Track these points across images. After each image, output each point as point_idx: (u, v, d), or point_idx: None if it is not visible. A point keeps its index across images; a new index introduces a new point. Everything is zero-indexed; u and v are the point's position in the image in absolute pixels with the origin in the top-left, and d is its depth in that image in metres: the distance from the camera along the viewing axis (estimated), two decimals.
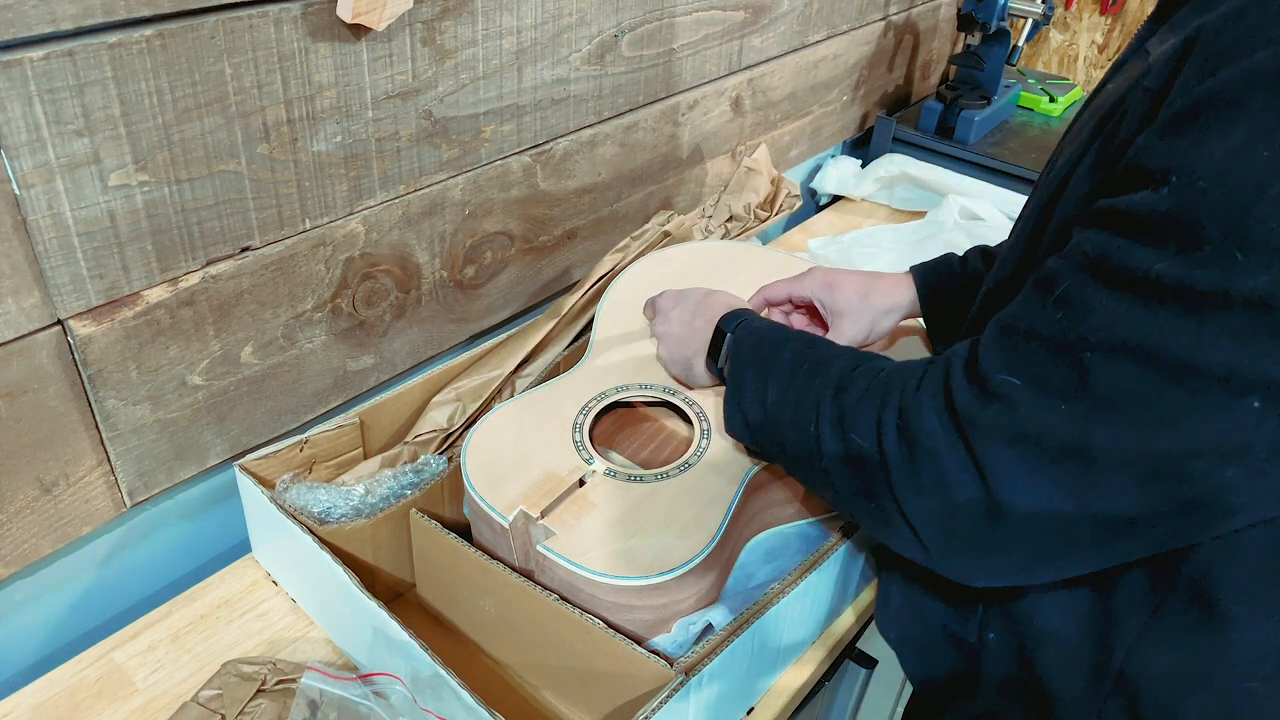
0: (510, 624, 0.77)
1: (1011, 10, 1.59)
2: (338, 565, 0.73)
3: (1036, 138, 1.68)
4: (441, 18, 0.86)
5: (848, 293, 0.87)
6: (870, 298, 0.87)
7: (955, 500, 0.56)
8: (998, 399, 0.55)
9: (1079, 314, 0.52)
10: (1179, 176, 0.49)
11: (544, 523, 0.73)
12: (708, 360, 0.81)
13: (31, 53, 0.62)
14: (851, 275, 0.89)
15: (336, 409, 0.96)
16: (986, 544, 0.57)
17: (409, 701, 0.69)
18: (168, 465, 0.83)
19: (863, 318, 0.86)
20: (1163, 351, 0.49)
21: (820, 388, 0.66)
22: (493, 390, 0.93)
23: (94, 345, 0.74)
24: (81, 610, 0.85)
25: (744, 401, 0.73)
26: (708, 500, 0.75)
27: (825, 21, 1.47)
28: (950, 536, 0.58)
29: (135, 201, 0.72)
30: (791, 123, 1.53)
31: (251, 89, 0.75)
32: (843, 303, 0.86)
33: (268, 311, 0.85)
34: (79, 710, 0.74)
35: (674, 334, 0.85)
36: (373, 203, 0.89)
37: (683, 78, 1.22)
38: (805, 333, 0.74)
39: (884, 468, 0.60)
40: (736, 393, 0.74)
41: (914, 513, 0.59)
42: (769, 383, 0.70)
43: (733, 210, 1.24)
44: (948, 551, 0.59)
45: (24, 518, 0.75)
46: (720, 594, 0.77)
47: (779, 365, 0.70)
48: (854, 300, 0.86)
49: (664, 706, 0.64)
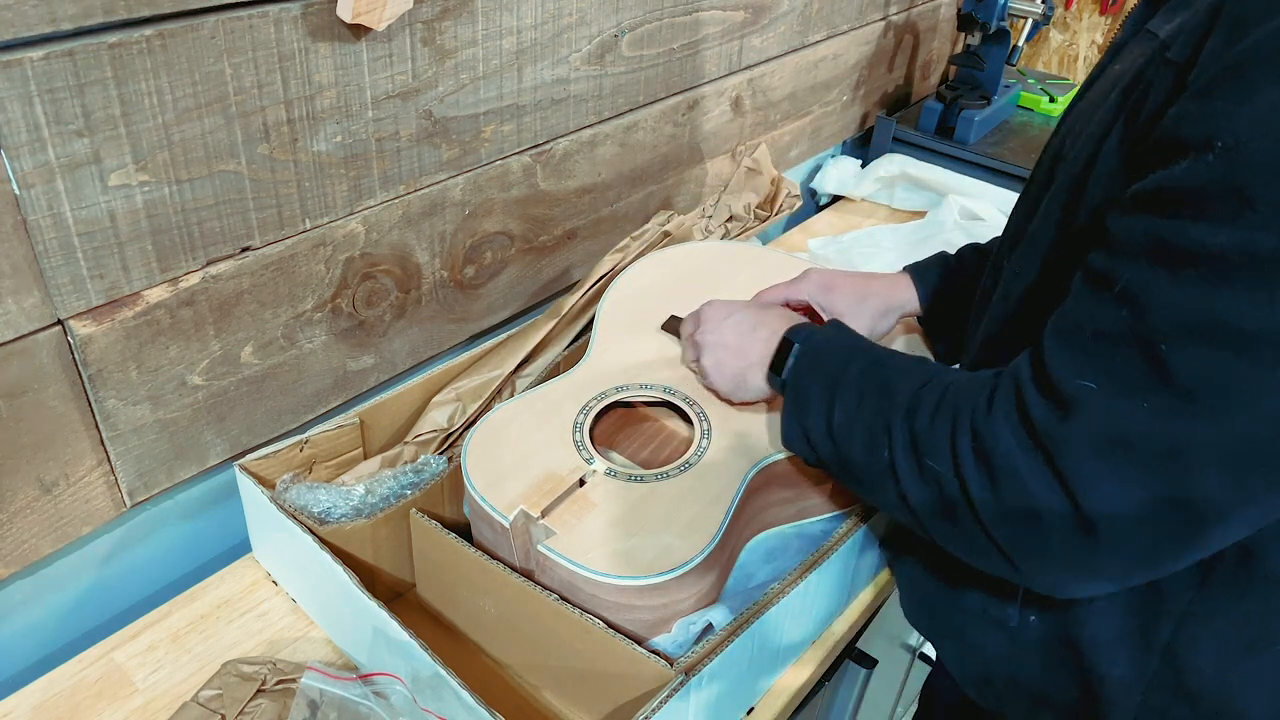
0: (510, 624, 0.77)
1: (1011, 10, 1.59)
2: (338, 565, 0.73)
3: (1036, 138, 1.68)
4: (441, 18, 0.86)
5: (845, 295, 0.87)
6: (868, 300, 0.87)
7: (1044, 520, 0.55)
8: (1075, 408, 0.53)
9: (1145, 305, 0.51)
10: (1221, 141, 0.47)
11: (544, 522, 0.73)
12: (769, 373, 0.77)
13: (31, 53, 0.62)
14: (848, 277, 0.89)
15: (336, 409, 0.96)
16: (1082, 558, 0.55)
17: (409, 701, 0.69)
18: (168, 465, 0.83)
19: (861, 319, 0.87)
20: (1239, 328, 0.47)
21: (890, 411, 0.64)
22: (493, 390, 0.93)
23: (94, 345, 0.74)
24: (81, 610, 0.85)
25: (806, 418, 0.71)
26: (708, 500, 0.75)
27: (825, 21, 1.47)
28: (1044, 556, 0.56)
29: (135, 201, 0.72)
30: (791, 123, 1.53)
31: (251, 89, 0.75)
32: (841, 305, 0.87)
33: (268, 311, 0.85)
34: (79, 710, 0.74)
35: (727, 344, 0.81)
36: (373, 203, 0.89)
37: (683, 78, 1.22)
38: (871, 346, 0.72)
39: (965, 493, 0.58)
40: (798, 408, 0.72)
41: (1002, 537, 0.57)
42: (836, 402, 0.68)
43: (733, 210, 1.24)
44: (1042, 570, 0.57)
45: (24, 518, 0.75)
46: (720, 594, 0.77)
47: (846, 383, 0.68)
48: (852, 302, 0.87)
49: (664, 706, 0.64)
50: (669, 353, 0.91)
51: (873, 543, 0.86)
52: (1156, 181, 0.51)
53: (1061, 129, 0.68)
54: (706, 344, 0.83)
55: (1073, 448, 0.53)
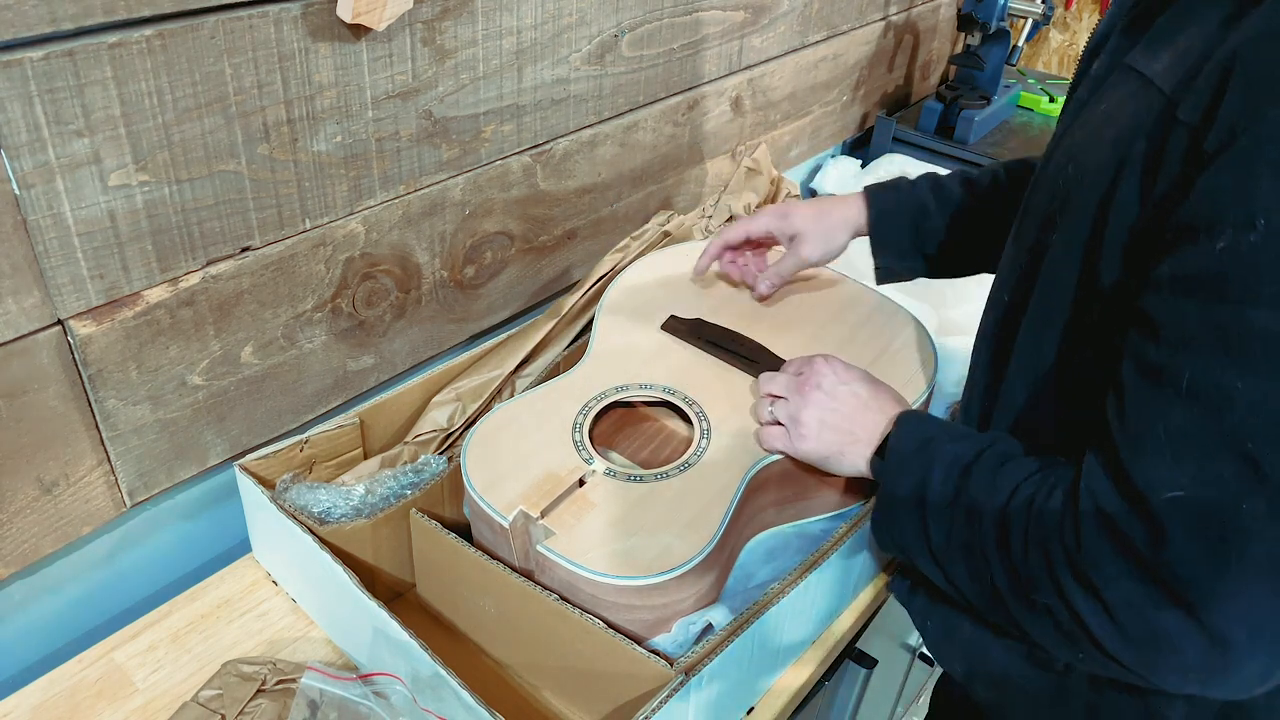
0: (510, 624, 0.77)
1: (1011, 10, 1.59)
2: (338, 565, 0.73)
3: (1036, 138, 1.68)
4: (441, 18, 0.86)
5: (803, 214, 0.91)
6: (823, 218, 0.91)
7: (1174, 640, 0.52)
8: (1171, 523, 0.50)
9: (1221, 404, 0.49)
10: (1264, 220, 0.46)
11: (544, 523, 0.73)
12: (874, 457, 0.73)
13: (31, 53, 0.62)
14: (804, 203, 0.92)
15: (336, 409, 0.96)
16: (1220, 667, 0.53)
17: (409, 701, 0.69)
18: (168, 465, 0.83)
19: (818, 237, 0.91)
20: None
21: (983, 540, 0.62)
22: (493, 390, 0.93)
23: (94, 345, 0.74)
24: (81, 610, 0.85)
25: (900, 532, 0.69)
26: (707, 500, 0.75)
27: (825, 21, 1.47)
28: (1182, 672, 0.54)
29: (135, 201, 0.72)
30: (791, 123, 1.53)
31: (251, 89, 0.75)
32: (799, 224, 0.91)
33: (268, 311, 0.85)
34: (79, 710, 0.74)
35: (840, 411, 0.76)
36: (373, 203, 0.89)
37: (683, 78, 1.22)
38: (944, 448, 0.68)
39: (1083, 626, 0.56)
40: (888, 514, 0.70)
41: (1132, 661, 0.55)
42: (930, 523, 0.66)
43: (733, 210, 1.24)
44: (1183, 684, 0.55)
45: (24, 518, 0.75)
46: (720, 594, 0.77)
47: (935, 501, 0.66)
48: (809, 221, 0.91)
49: (664, 706, 0.64)
50: (669, 353, 0.91)
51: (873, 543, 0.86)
52: (1199, 263, 0.49)
53: (1050, 168, 0.65)
54: (813, 401, 0.77)
55: (1183, 569, 0.51)
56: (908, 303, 1.06)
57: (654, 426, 0.87)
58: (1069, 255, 0.61)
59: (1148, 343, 0.53)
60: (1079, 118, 0.63)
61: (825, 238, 0.91)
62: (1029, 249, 0.66)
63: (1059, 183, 0.62)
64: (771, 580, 0.77)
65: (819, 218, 0.90)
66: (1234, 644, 0.51)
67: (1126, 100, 0.57)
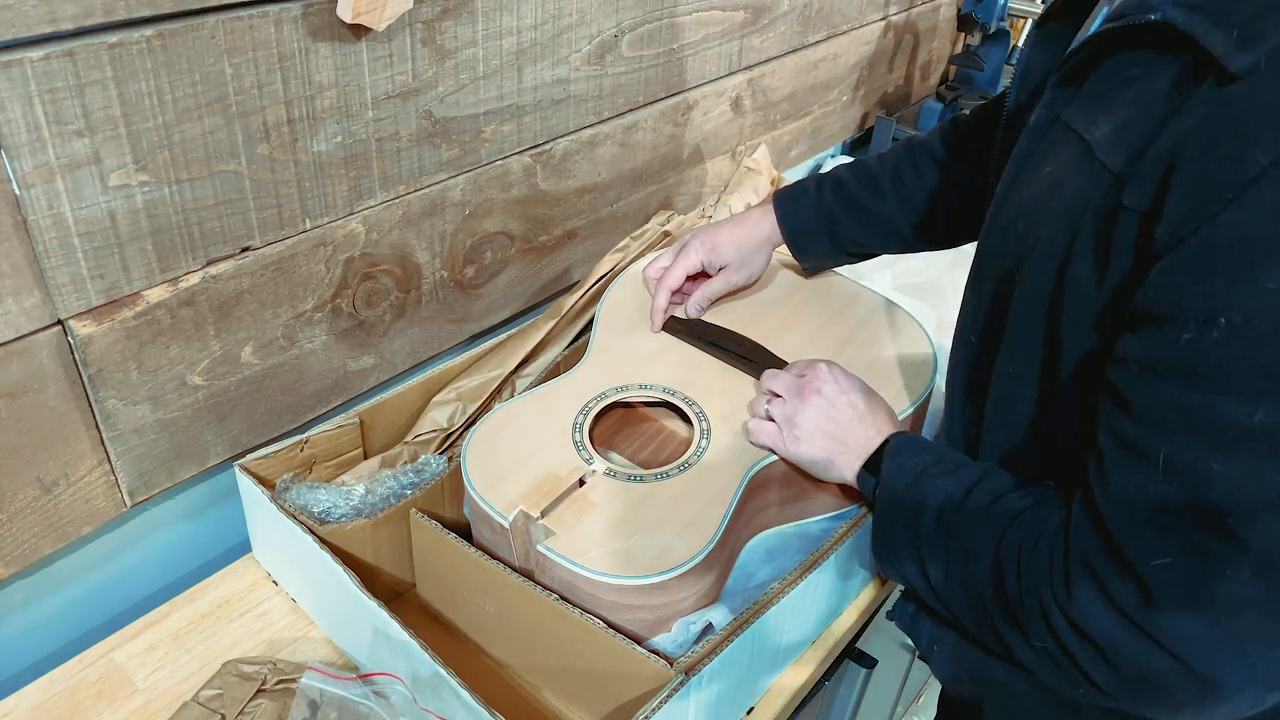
0: (510, 624, 0.77)
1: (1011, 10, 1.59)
2: (338, 565, 0.73)
3: None
4: (441, 18, 0.86)
5: (727, 248, 0.95)
6: (743, 245, 0.95)
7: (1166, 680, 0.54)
8: (1160, 587, 0.52)
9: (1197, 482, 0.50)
10: (1225, 318, 0.47)
11: (544, 522, 0.73)
12: (863, 471, 0.75)
13: (31, 53, 0.62)
14: (723, 229, 0.96)
15: (336, 409, 0.96)
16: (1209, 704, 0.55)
17: (409, 701, 0.69)
18: (168, 465, 0.83)
19: (744, 264, 0.96)
20: None
21: (980, 580, 0.64)
22: (493, 390, 0.93)
23: (94, 345, 0.74)
24: (81, 610, 0.85)
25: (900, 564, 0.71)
26: (707, 500, 0.75)
27: (825, 21, 1.47)
28: (1178, 709, 0.56)
29: (135, 201, 0.72)
30: (791, 123, 1.53)
31: (252, 89, 0.75)
32: (727, 256, 0.95)
33: (268, 311, 0.85)
34: (79, 710, 0.74)
35: (836, 419, 0.77)
36: (373, 203, 0.89)
37: (683, 78, 1.22)
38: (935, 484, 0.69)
39: (1081, 670, 0.58)
40: (886, 547, 0.72)
41: (1129, 698, 0.57)
42: (927, 560, 0.68)
43: (733, 210, 1.24)
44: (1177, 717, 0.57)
45: (24, 518, 0.75)
46: (720, 594, 0.77)
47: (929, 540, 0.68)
48: (734, 253, 0.95)
49: (664, 706, 0.64)
50: (669, 353, 0.91)
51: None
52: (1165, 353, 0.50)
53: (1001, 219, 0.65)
54: (813, 406, 0.78)
55: (1174, 629, 0.52)
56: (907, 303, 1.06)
57: (654, 427, 0.88)
58: (1032, 320, 0.61)
59: (1122, 417, 0.54)
60: (1026, 169, 0.63)
61: (748, 262, 0.96)
62: (991, 298, 0.66)
63: (1010, 239, 0.63)
64: (771, 580, 0.77)
65: (741, 244, 0.95)
66: (1225, 685, 0.53)
67: (1070, 168, 0.58)
